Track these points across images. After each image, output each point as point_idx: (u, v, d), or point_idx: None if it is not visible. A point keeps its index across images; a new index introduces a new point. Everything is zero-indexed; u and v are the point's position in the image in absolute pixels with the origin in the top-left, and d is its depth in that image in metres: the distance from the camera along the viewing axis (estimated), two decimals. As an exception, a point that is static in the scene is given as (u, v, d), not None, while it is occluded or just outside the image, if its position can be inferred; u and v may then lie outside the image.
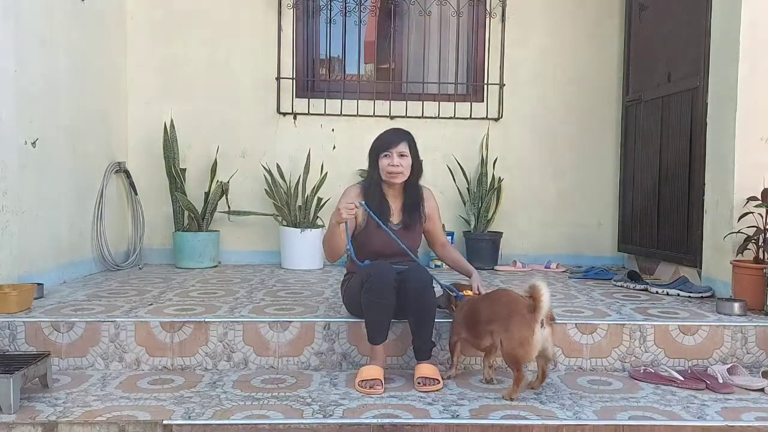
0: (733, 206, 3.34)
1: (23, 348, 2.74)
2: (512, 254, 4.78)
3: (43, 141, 3.53)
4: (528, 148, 4.91)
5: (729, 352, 2.88)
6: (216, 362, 2.79)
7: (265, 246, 4.75)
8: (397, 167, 2.81)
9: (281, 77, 4.77)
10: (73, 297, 3.29)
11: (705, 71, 3.63)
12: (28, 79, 3.40)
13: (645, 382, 2.67)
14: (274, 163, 4.69)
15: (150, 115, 4.70)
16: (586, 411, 2.33)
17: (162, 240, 4.71)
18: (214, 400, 2.40)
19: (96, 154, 4.23)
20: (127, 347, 2.77)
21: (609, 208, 4.94)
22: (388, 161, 2.81)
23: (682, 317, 3.02)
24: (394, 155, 2.81)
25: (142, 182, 4.68)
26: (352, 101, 4.79)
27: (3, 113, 3.16)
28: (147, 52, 4.73)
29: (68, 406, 2.31)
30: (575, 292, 3.67)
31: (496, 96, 4.86)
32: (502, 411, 2.31)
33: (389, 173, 2.82)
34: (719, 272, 3.45)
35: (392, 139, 2.84)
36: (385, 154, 2.82)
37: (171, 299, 3.28)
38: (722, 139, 3.45)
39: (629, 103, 4.63)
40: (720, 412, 2.35)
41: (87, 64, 4.10)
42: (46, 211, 3.57)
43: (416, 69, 4.93)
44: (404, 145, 2.83)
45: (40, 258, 3.50)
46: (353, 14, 4.84)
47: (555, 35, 4.90)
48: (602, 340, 2.86)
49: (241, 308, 3.07)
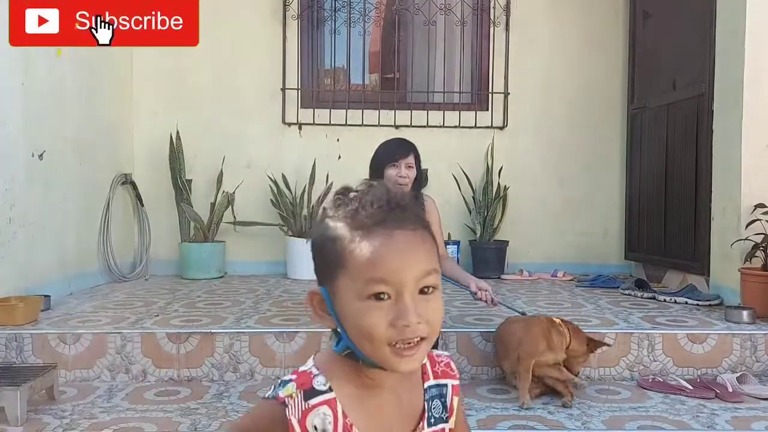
0: (741, 213, 3.31)
1: (30, 360, 2.74)
2: (518, 263, 4.76)
3: (50, 153, 3.54)
4: (533, 157, 4.91)
5: (738, 360, 2.86)
6: (222, 373, 2.78)
7: (271, 256, 4.75)
8: (404, 178, 2.81)
9: (286, 88, 4.78)
10: (79, 308, 3.30)
11: (710, 78, 3.62)
12: (35, 91, 3.42)
13: (654, 392, 2.65)
14: (279, 173, 4.70)
15: (156, 126, 4.71)
16: (594, 421, 2.32)
17: (168, 251, 4.72)
18: (220, 412, 2.39)
19: (102, 166, 4.24)
20: (133, 359, 2.77)
21: (615, 216, 4.93)
22: (396, 172, 2.80)
23: (690, 326, 3.00)
24: (402, 166, 2.80)
25: (148, 193, 4.69)
26: (357, 111, 4.79)
27: (10, 126, 3.18)
28: (153, 63, 4.76)
29: (75, 419, 2.31)
30: (582, 301, 3.65)
31: (501, 105, 4.86)
32: (509, 421, 2.30)
33: (397, 185, 2.82)
34: (727, 280, 3.43)
35: (400, 150, 2.84)
36: (393, 165, 2.82)
37: (177, 310, 3.28)
38: (729, 146, 3.44)
39: (634, 111, 4.62)
40: (730, 421, 2.33)
41: (93, 76, 4.12)
42: (52, 223, 3.58)
43: (421, 78, 4.94)
44: (411, 157, 2.84)
45: (46, 270, 3.50)
46: (358, 24, 4.86)
47: (559, 43, 4.90)
48: (610, 349, 2.84)
49: (247, 319, 3.07)
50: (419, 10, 4.86)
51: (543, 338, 2.52)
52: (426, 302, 0.86)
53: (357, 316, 0.85)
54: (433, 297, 0.86)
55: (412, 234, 0.87)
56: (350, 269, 0.85)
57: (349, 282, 0.85)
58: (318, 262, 0.92)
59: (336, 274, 0.87)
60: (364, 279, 0.84)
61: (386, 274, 0.83)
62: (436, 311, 0.87)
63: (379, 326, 0.83)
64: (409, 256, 0.85)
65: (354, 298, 0.85)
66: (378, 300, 0.84)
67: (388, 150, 2.86)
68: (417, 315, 0.84)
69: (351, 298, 0.85)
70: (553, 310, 3.37)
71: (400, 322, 0.83)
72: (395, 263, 0.84)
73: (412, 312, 0.83)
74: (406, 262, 0.85)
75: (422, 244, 0.87)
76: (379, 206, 0.87)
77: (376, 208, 0.87)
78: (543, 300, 3.68)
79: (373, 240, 0.84)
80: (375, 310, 0.84)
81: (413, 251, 0.86)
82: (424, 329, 0.85)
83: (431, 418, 0.93)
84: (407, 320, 0.83)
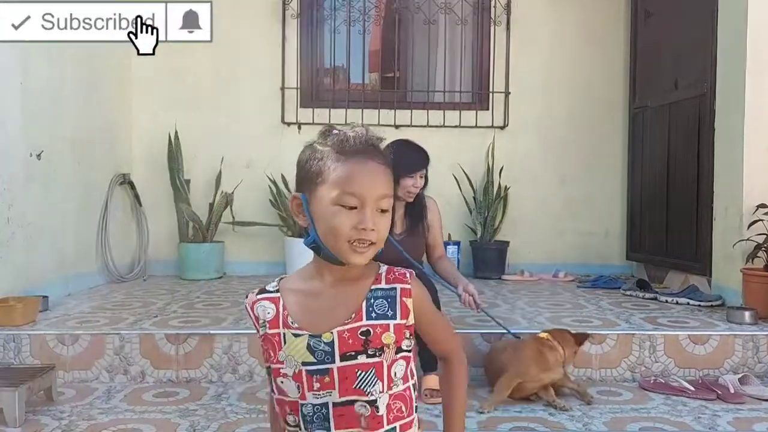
0: (743, 214, 3.30)
1: (28, 361, 2.73)
2: (519, 264, 4.74)
3: (49, 153, 3.53)
4: (534, 157, 4.89)
5: (740, 361, 2.84)
6: (221, 374, 2.77)
7: (270, 257, 4.73)
8: (417, 188, 2.83)
9: (286, 87, 4.77)
10: (78, 309, 3.28)
11: (712, 78, 3.61)
12: (34, 91, 3.40)
13: (655, 393, 2.64)
14: (278, 173, 4.68)
15: (154, 126, 4.69)
16: (595, 422, 2.31)
17: (167, 251, 4.70)
18: (219, 413, 2.38)
19: (101, 166, 4.23)
20: (131, 360, 2.76)
21: (617, 216, 4.91)
22: (413, 182, 2.80)
23: (692, 326, 2.98)
24: (417, 177, 2.81)
25: (146, 194, 4.67)
26: (356, 110, 4.77)
27: (9, 125, 3.17)
28: (151, 63, 4.72)
29: (73, 420, 2.30)
30: (584, 302, 3.64)
31: (502, 104, 4.85)
32: (510, 423, 2.28)
33: (410, 193, 2.82)
34: (729, 280, 3.41)
35: (422, 162, 2.84)
36: (410, 176, 2.81)
37: (176, 311, 3.27)
38: (730, 146, 3.43)
39: (636, 111, 4.61)
40: (731, 422, 2.32)
41: (92, 75, 4.11)
42: (51, 223, 3.57)
43: (421, 78, 4.92)
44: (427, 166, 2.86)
45: (45, 270, 3.49)
46: (358, 23, 4.84)
47: (560, 43, 4.88)
48: (612, 350, 2.83)
49: (246, 320, 3.05)
50: (419, 9, 4.85)
51: (534, 362, 2.49)
52: (380, 218, 1.13)
53: (329, 217, 1.12)
54: (385, 216, 1.14)
55: (378, 166, 1.14)
56: (330, 182, 1.12)
57: (327, 191, 1.12)
58: (303, 174, 1.17)
59: (317, 183, 1.14)
60: (340, 190, 1.11)
61: (356, 190, 1.11)
62: (384, 225, 1.14)
63: (344, 226, 1.11)
64: (375, 180, 1.13)
65: (329, 203, 1.12)
66: (348, 209, 1.11)
67: (407, 161, 2.80)
68: (372, 223, 1.11)
69: (326, 204, 1.12)
70: (554, 311, 3.36)
71: (360, 225, 1.11)
72: (365, 183, 1.12)
73: (370, 220, 1.11)
74: (372, 184, 1.12)
75: (384, 175, 1.14)
76: (360, 141, 1.14)
77: (357, 142, 1.14)
78: (544, 301, 3.66)
79: (352, 164, 1.12)
80: (344, 215, 1.11)
81: (378, 178, 1.13)
82: (374, 236, 1.12)
83: (372, 312, 1.15)
84: (365, 225, 1.11)
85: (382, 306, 1.16)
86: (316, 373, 1.13)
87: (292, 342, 1.15)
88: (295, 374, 1.14)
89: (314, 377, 1.13)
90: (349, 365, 1.13)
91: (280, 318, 1.17)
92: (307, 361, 1.14)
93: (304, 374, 1.14)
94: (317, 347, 1.14)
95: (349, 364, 1.13)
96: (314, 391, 1.14)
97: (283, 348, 1.16)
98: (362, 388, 1.13)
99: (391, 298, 1.17)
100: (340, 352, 1.13)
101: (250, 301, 1.20)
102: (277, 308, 1.18)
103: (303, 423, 1.15)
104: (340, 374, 1.13)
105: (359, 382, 1.13)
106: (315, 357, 1.14)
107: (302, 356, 1.14)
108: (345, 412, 1.13)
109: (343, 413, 1.13)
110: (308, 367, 1.14)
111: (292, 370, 1.15)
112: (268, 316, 1.18)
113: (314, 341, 1.14)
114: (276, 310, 1.18)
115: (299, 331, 1.15)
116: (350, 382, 1.13)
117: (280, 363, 1.16)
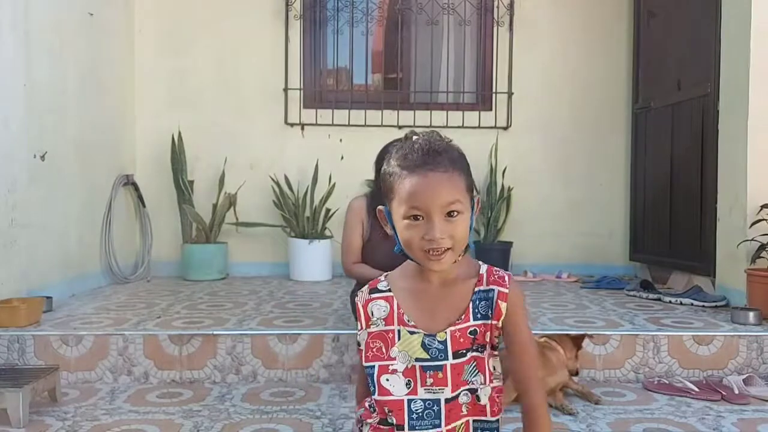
0: (747, 214, 3.30)
1: (32, 362, 2.73)
2: (523, 264, 4.74)
3: (52, 154, 3.53)
4: (537, 157, 4.89)
5: (744, 362, 2.83)
6: (224, 375, 2.77)
7: (274, 257, 4.74)
8: None
9: (289, 88, 4.77)
10: (81, 310, 3.29)
11: (715, 78, 3.60)
12: (38, 92, 3.41)
13: (659, 394, 2.63)
14: (282, 174, 4.69)
15: (158, 127, 4.70)
16: (599, 423, 2.30)
17: (170, 252, 4.70)
18: (222, 414, 2.38)
19: (104, 167, 4.23)
20: (135, 360, 2.76)
21: (620, 216, 4.91)
22: None
23: (696, 327, 2.97)
24: None
25: (150, 194, 4.68)
26: (359, 111, 4.78)
27: (13, 126, 3.18)
28: (155, 64, 4.75)
29: (77, 420, 2.30)
30: (587, 302, 3.63)
31: (505, 105, 4.85)
32: (512, 424, 2.27)
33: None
34: (733, 281, 3.40)
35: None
36: None
37: (179, 312, 3.27)
38: (734, 146, 3.42)
39: (639, 111, 4.60)
40: (736, 423, 2.31)
41: (95, 76, 4.11)
42: (54, 224, 3.57)
43: (424, 78, 4.92)
44: None
45: (48, 271, 3.49)
46: (360, 24, 4.84)
47: (563, 43, 4.88)
48: (615, 351, 2.83)
49: (249, 321, 3.05)
50: (422, 9, 4.85)
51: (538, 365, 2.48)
52: (450, 223, 1.21)
53: (402, 230, 1.24)
54: (457, 219, 1.22)
55: (440, 175, 1.21)
56: (398, 199, 1.23)
57: (398, 207, 1.23)
58: (383, 189, 1.29)
59: (391, 198, 1.25)
60: (406, 205, 1.21)
61: (420, 203, 1.20)
62: (458, 229, 1.22)
63: (415, 238, 1.21)
64: (436, 190, 1.20)
65: (400, 218, 1.23)
66: (415, 220, 1.21)
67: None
68: (441, 232, 1.19)
69: (398, 217, 1.23)
70: (557, 311, 3.36)
71: (427, 236, 1.20)
72: (426, 195, 1.19)
73: (437, 230, 1.19)
74: (434, 195, 1.20)
75: (448, 182, 1.21)
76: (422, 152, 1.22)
77: (419, 154, 1.22)
78: (547, 302, 3.66)
79: (413, 178, 1.21)
80: (413, 228, 1.21)
81: (439, 188, 1.20)
82: (448, 242, 1.20)
83: (477, 314, 1.26)
84: (432, 236, 1.19)
85: (484, 307, 1.27)
86: (430, 369, 1.24)
87: (407, 338, 1.26)
88: (407, 369, 1.25)
89: (428, 373, 1.24)
90: (459, 362, 1.25)
91: (395, 315, 1.28)
92: (420, 357, 1.25)
93: (418, 369, 1.24)
94: (431, 345, 1.25)
95: (459, 362, 1.25)
96: (427, 387, 1.24)
97: (397, 344, 1.26)
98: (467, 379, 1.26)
99: (489, 300, 1.28)
100: (453, 349, 1.25)
101: (362, 300, 1.31)
102: (391, 306, 1.29)
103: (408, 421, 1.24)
104: (453, 370, 1.25)
105: (466, 374, 1.26)
106: (429, 354, 1.25)
107: (416, 352, 1.25)
108: (453, 406, 1.25)
109: (452, 407, 1.25)
110: (422, 363, 1.25)
111: (404, 366, 1.25)
112: (383, 313, 1.29)
113: (428, 339, 1.25)
114: (390, 308, 1.29)
115: (414, 329, 1.26)
116: (459, 376, 1.25)
117: (391, 359, 1.26)
